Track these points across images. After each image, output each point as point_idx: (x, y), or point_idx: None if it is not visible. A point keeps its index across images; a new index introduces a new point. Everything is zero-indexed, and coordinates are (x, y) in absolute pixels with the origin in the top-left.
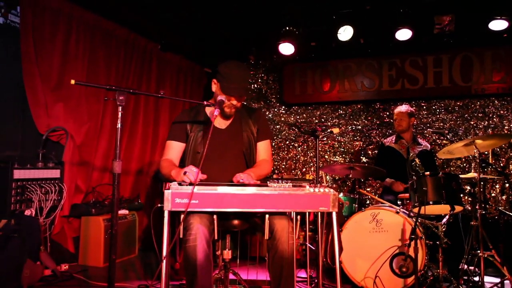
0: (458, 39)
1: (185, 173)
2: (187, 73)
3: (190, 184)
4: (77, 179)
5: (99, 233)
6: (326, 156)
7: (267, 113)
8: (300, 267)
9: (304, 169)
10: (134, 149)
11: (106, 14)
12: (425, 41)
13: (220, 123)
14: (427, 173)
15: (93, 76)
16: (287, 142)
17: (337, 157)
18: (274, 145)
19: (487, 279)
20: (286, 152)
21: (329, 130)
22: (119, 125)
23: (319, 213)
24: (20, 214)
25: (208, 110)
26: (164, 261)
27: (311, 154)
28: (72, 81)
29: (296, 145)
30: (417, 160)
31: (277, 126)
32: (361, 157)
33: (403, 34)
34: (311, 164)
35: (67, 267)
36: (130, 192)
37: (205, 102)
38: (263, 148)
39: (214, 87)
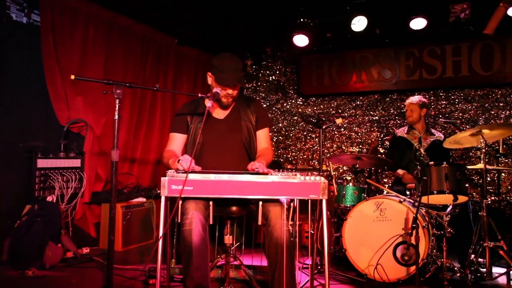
0: (478, 27)
1: (178, 161)
2: (205, 66)
3: (191, 172)
4: (97, 168)
5: (118, 219)
6: (343, 147)
7: (284, 104)
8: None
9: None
10: (152, 140)
11: (122, 11)
12: (442, 30)
13: (219, 114)
14: (431, 162)
15: (111, 71)
16: (305, 133)
17: (354, 147)
18: (291, 136)
19: (496, 269)
20: (303, 143)
21: (332, 120)
22: (116, 117)
23: (318, 200)
24: (42, 200)
25: (207, 102)
26: (160, 241)
27: (328, 145)
28: (72, 76)
29: (313, 135)
30: (421, 150)
31: (294, 118)
32: (379, 148)
33: (418, 23)
34: (328, 155)
35: (88, 250)
36: (149, 181)
37: (199, 95)
38: (263, 136)
39: (210, 80)
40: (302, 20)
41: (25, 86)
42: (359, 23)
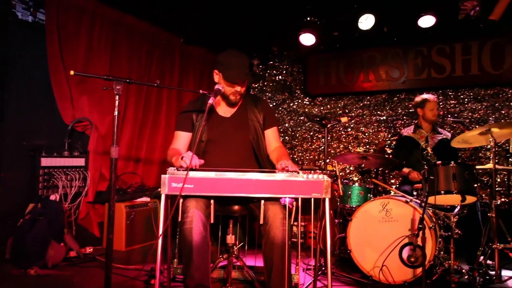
0: (489, 25)
1: (182, 158)
2: (211, 66)
3: (192, 169)
4: (101, 167)
5: (121, 219)
6: (350, 147)
7: (291, 104)
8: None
9: (328, 160)
10: (157, 140)
11: (128, 9)
12: (453, 27)
13: (225, 112)
14: (439, 162)
15: (116, 70)
16: (311, 133)
17: (361, 148)
18: (298, 136)
19: (505, 272)
20: (310, 143)
21: (337, 119)
22: (116, 113)
23: (321, 199)
24: (46, 198)
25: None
26: (160, 240)
27: (335, 145)
28: (72, 72)
29: (320, 136)
30: (429, 149)
31: (301, 118)
32: (386, 148)
33: (426, 21)
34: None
35: (91, 249)
36: (154, 181)
37: (200, 91)
38: (273, 136)
39: (217, 77)
40: (309, 18)
41: (30, 85)
42: (366, 21)
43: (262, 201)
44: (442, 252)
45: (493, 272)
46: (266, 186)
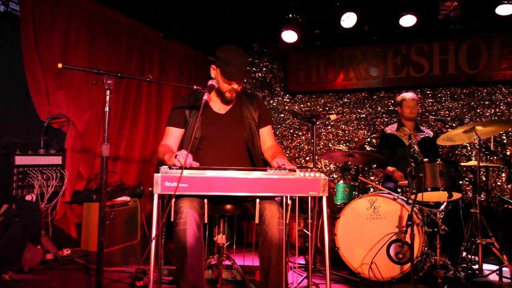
0: (465, 25)
1: (176, 156)
2: (191, 62)
3: (186, 168)
4: (79, 165)
5: None
6: (330, 145)
7: (271, 101)
8: (301, 254)
9: (308, 158)
10: (137, 137)
11: (107, 2)
12: (431, 27)
13: (220, 108)
14: (426, 159)
15: (94, 64)
16: (291, 131)
17: (341, 145)
18: (278, 134)
19: (487, 266)
20: (290, 141)
21: (326, 117)
22: (107, 109)
23: (315, 197)
24: (21, 199)
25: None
26: (153, 242)
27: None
28: (60, 65)
29: (300, 133)
30: (415, 147)
31: (281, 115)
32: (366, 146)
33: (407, 21)
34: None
35: (69, 251)
36: (135, 179)
37: (194, 87)
38: (268, 134)
39: (214, 73)
40: (290, 15)
41: (2, 79)
42: (348, 20)
43: (257, 200)
44: (426, 248)
45: (476, 266)
46: (263, 184)
